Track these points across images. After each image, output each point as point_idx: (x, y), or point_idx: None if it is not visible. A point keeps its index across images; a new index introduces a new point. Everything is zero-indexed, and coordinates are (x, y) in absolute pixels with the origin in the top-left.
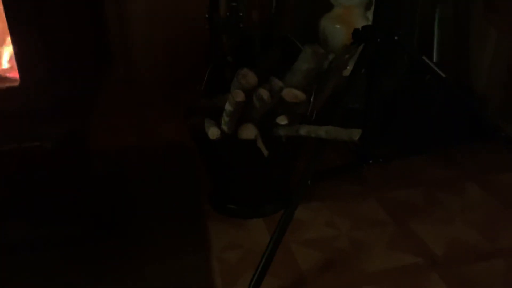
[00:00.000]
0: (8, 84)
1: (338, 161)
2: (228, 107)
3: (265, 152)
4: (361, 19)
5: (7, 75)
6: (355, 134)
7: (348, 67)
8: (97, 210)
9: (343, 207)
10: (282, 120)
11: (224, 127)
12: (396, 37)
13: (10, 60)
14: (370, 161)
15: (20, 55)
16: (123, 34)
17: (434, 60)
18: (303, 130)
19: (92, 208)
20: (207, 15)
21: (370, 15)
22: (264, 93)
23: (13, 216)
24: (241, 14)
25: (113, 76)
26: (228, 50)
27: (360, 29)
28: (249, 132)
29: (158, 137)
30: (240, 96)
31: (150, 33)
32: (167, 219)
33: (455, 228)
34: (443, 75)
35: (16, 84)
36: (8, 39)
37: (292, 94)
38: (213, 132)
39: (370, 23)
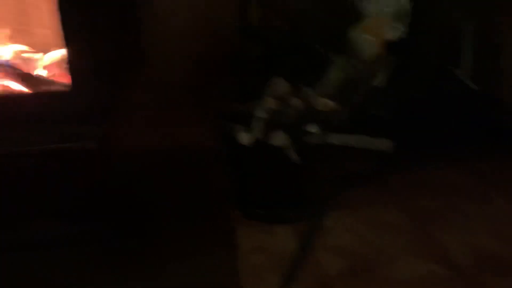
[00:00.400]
0: (59, 88)
1: (362, 168)
2: (260, 113)
3: (295, 159)
4: (391, 30)
5: (57, 79)
6: (385, 144)
7: (378, 78)
8: (124, 210)
9: (367, 214)
10: (312, 128)
11: (255, 133)
12: (427, 49)
13: (58, 66)
14: (395, 168)
15: (73, 62)
16: (152, 39)
17: (465, 72)
18: (333, 139)
19: (118, 207)
20: (238, 24)
21: (400, 26)
22: (296, 101)
23: (43, 213)
24: (271, 23)
25: (142, 79)
26: (258, 58)
27: (393, 42)
28: (280, 139)
29: (185, 140)
30: (272, 103)
31: (179, 40)
32: (193, 221)
33: (479, 238)
34: (474, 87)
35: (67, 88)
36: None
37: (323, 102)
38: (244, 138)
39: (400, 34)
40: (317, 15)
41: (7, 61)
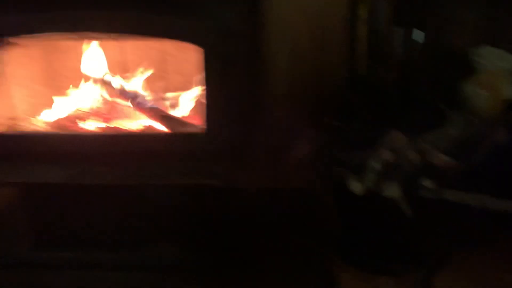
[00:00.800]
0: (194, 130)
1: (479, 227)
2: (374, 164)
3: (408, 212)
4: (508, 86)
5: (189, 121)
6: (506, 204)
7: (498, 135)
8: (233, 242)
9: (482, 277)
10: (427, 183)
11: (368, 183)
12: None
13: (191, 109)
14: None
15: (210, 108)
16: (265, 87)
17: None
18: (449, 195)
19: (229, 240)
20: (346, 74)
21: None
22: (412, 155)
23: (164, 238)
24: (380, 74)
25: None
26: (366, 108)
27: None
28: (392, 190)
29: (293, 182)
30: (387, 155)
31: (289, 86)
32: (295, 262)
33: None
34: None
35: (202, 130)
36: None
37: (439, 158)
38: (356, 186)
39: None
40: (428, 67)
41: (151, 103)
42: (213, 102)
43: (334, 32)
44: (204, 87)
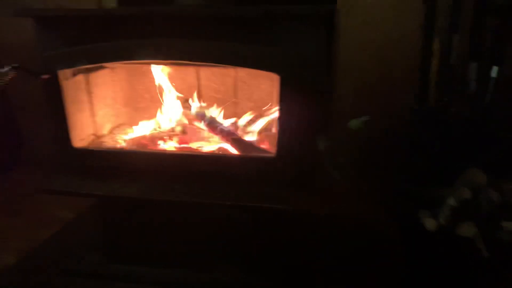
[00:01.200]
0: (264, 154)
1: None
2: (451, 201)
3: (485, 253)
4: None
5: (261, 145)
6: None
7: None
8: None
9: None
10: (508, 225)
11: (442, 220)
12: None
13: (259, 133)
14: None
15: (282, 132)
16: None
17: None
18: None
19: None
20: (414, 107)
21: None
22: (494, 195)
23: (230, 260)
24: (452, 108)
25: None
26: (434, 142)
27: None
28: (468, 229)
29: (359, 215)
30: (467, 194)
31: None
32: None
33: None
34: None
35: (272, 155)
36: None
37: None
38: (429, 223)
39: None
40: (507, 104)
41: (225, 127)
42: (285, 127)
43: (402, 64)
44: (277, 112)
